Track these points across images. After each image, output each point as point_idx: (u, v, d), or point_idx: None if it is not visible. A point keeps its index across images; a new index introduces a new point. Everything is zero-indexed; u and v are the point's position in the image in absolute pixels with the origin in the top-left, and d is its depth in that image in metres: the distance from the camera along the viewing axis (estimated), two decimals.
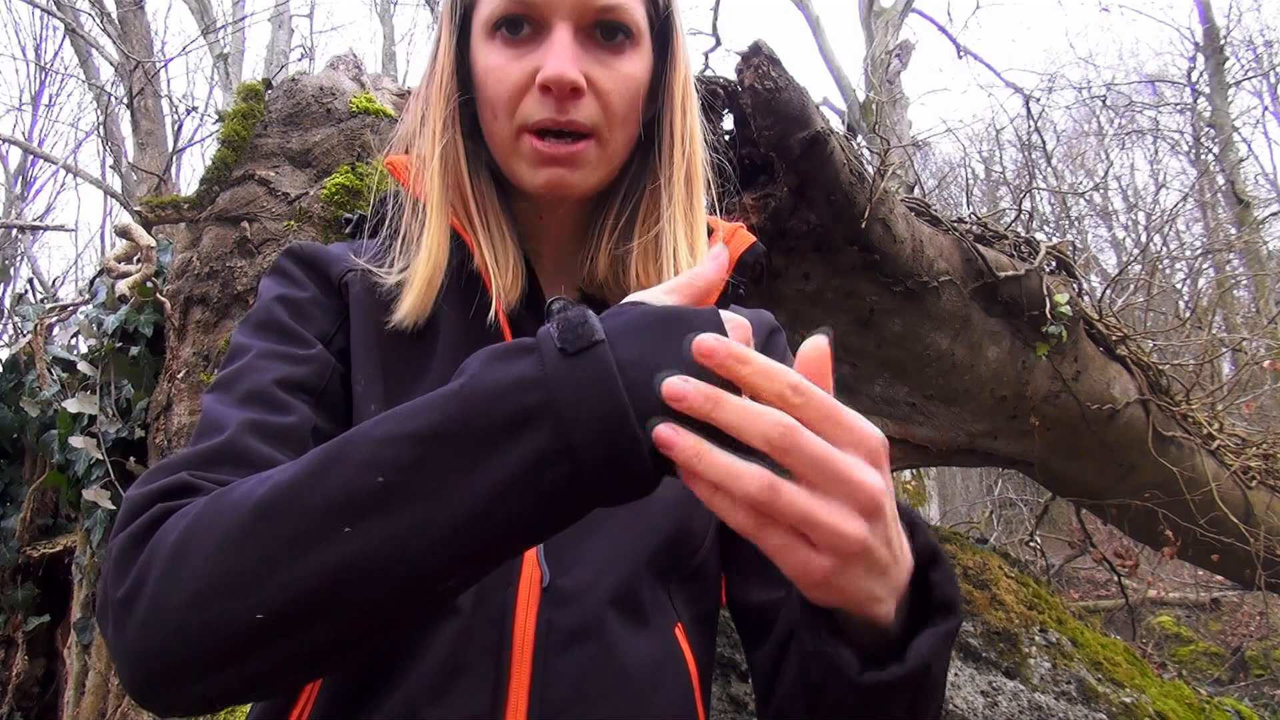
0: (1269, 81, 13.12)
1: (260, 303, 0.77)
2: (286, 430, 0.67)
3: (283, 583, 0.50)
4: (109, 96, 7.93)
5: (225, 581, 0.51)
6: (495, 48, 0.75)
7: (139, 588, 0.53)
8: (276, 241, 1.85)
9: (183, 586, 0.52)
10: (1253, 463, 3.34)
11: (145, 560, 0.54)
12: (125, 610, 0.53)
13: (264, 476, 0.55)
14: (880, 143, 4.03)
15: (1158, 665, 3.64)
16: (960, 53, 9.98)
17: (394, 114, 2.05)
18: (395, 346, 0.74)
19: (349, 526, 0.49)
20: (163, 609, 0.52)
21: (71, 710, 1.99)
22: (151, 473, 0.62)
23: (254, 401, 0.68)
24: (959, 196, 11.32)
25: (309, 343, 0.74)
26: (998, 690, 1.92)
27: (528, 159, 0.75)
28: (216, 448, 0.63)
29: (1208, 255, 9.77)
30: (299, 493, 0.52)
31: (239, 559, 0.51)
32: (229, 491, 0.55)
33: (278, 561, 0.50)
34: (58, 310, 2.53)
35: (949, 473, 8.87)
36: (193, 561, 0.52)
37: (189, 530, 0.54)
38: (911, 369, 2.50)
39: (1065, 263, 2.73)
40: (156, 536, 0.55)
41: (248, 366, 0.70)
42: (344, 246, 0.83)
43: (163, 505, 0.58)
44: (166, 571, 0.53)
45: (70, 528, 2.30)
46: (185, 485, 0.60)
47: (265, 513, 0.52)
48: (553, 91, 0.72)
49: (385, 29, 12.02)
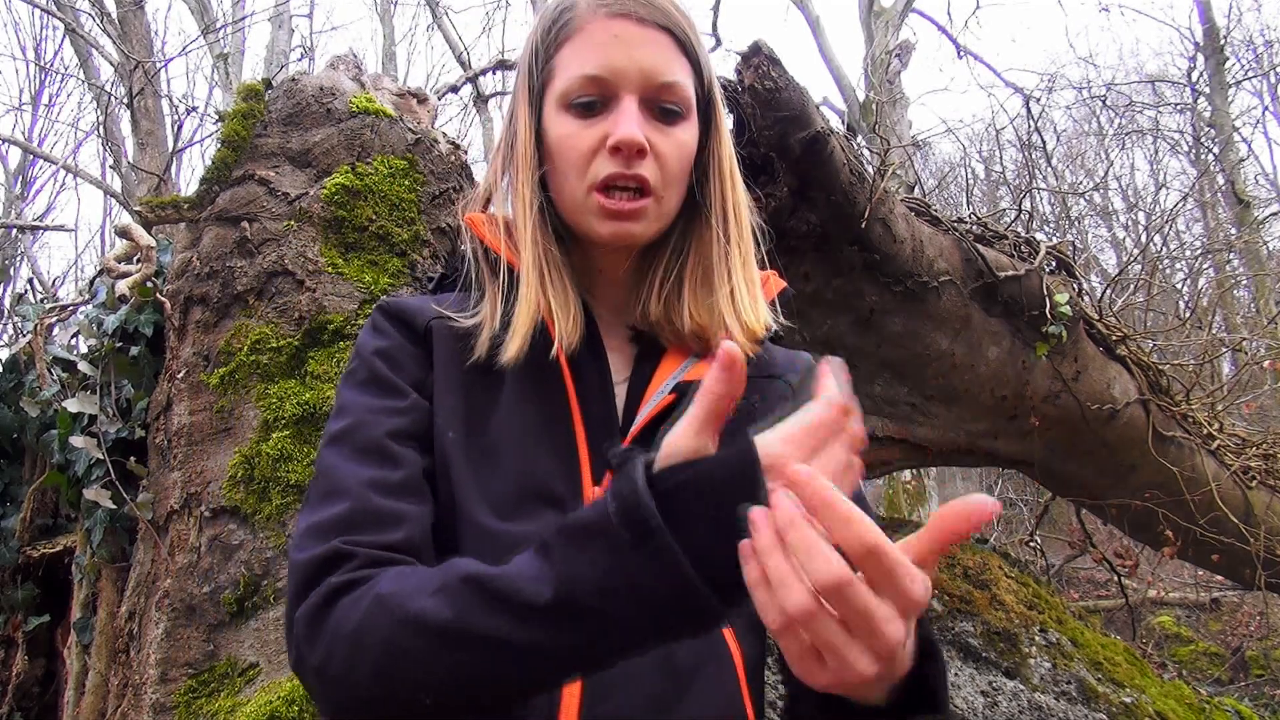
0: (1269, 81, 13.13)
1: (359, 358, 0.88)
2: (405, 483, 0.79)
3: (438, 687, 0.65)
4: (109, 96, 7.93)
5: (391, 686, 0.65)
6: (568, 119, 0.87)
7: (328, 659, 0.67)
8: (276, 241, 1.85)
9: (363, 672, 0.66)
10: (1253, 463, 3.34)
11: (330, 639, 0.68)
12: (321, 676, 0.68)
13: (418, 586, 0.67)
14: (880, 143, 4.03)
15: (1158, 665, 3.64)
16: (960, 53, 9.99)
17: (393, 114, 2.05)
18: (473, 382, 0.86)
19: (492, 659, 0.63)
20: (351, 683, 0.67)
21: (71, 710, 1.99)
22: (306, 536, 0.74)
23: (371, 456, 0.79)
24: (959, 196, 11.34)
25: (406, 393, 0.85)
26: (998, 690, 1.92)
27: (596, 214, 0.87)
28: (353, 511, 0.75)
29: (1208, 255, 9.77)
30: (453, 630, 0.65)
31: (404, 673, 0.65)
32: (391, 597, 0.68)
33: (436, 676, 0.64)
34: (58, 310, 2.53)
35: (949, 473, 8.86)
36: (367, 657, 0.66)
37: (360, 630, 0.67)
38: (911, 369, 2.50)
39: (1065, 263, 2.73)
40: (333, 620, 0.68)
41: (360, 422, 0.82)
42: (425, 299, 0.95)
43: (329, 583, 0.70)
44: (348, 657, 0.67)
45: (70, 528, 2.29)
46: (341, 554, 0.72)
47: (426, 637, 0.65)
48: (622, 152, 0.84)
49: (385, 29, 12.01)
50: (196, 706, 1.61)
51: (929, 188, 7.68)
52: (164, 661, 1.65)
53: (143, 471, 1.94)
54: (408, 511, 0.77)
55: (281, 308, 1.82)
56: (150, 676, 1.66)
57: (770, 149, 1.93)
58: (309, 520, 0.76)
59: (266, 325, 1.81)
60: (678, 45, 0.88)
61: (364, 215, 1.90)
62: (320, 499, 0.77)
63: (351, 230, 1.89)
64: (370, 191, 1.92)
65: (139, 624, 1.79)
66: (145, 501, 1.83)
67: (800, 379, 0.96)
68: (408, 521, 0.76)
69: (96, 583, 2.05)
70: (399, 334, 0.90)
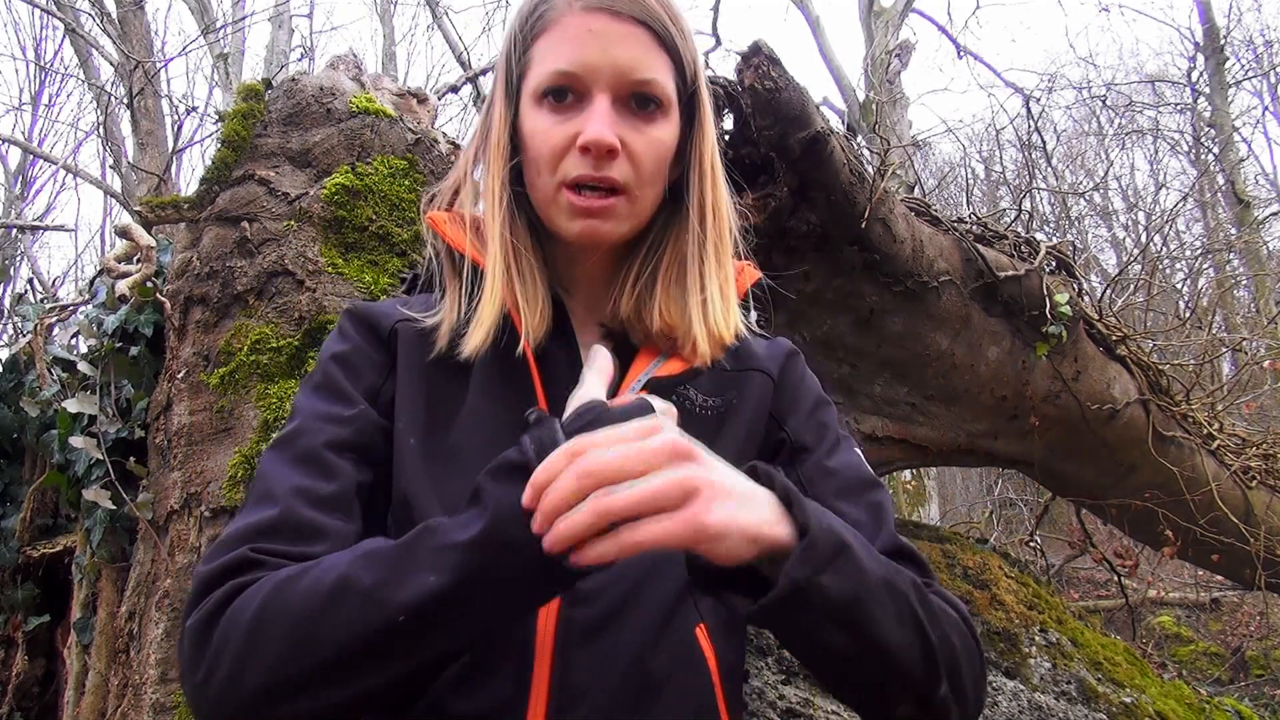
0: (1269, 81, 13.12)
1: (319, 363, 0.88)
2: (335, 497, 0.78)
3: (343, 677, 0.63)
4: (109, 96, 7.93)
5: (292, 675, 0.63)
6: (542, 113, 0.85)
7: (213, 671, 0.65)
8: (276, 241, 1.85)
9: (256, 670, 0.64)
10: (1253, 463, 3.34)
11: (221, 638, 0.65)
12: (201, 693, 0.66)
13: (324, 570, 0.66)
14: (880, 143, 4.03)
15: (1158, 665, 3.64)
16: (960, 53, 9.98)
17: (394, 114, 2.05)
18: (438, 382, 0.86)
19: (384, 650, 0.63)
20: (239, 689, 0.64)
21: (71, 710, 1.99)
22: (216, 548, 0.73)
23: (305, 464, 0.78)
24: (959, 196, 11.33)
25: (355, 401, 0.84)
26: (998, 690, 1.92)
27: (565, 211, 0.85)
28: (273, 520, 0.74)
29: (1208, 255, 9.77)
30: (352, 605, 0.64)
31: (306, 656, 0.63)
32: (291, 581, 0.66)
33: (339, 662, 0.63)
34: (58, 310, 2.52)
35: (949, 473, 8.86)
36: (264, 646, 0.64)
37: (260, 615, 0.65)
38: (911, 369, 2.50)
39: (1065, 263, 2.73)
40: (229, 614, 0.66)
41: (302, 428, 0.81)
42: (393, 302, 0.95)
43: (233, 583, 0.68)
44: (241, 652, 0.64)
45: (70, 528, 2.29)
46: (249, 561, 0.70)
47: (329, 615, 0.64)
48: (591, 152, 0.82)
49: (385, 29, 12.00)
50: None
51: (929, 188, 7.68)
52: (164, 661, 1.65)
53: (143, 471, 1.94)
54: (331, 527, 0.75)
55: (281, 308, 1.82)
56: (150, 676, 1.66)
57: (770, 149, 1.93)
58: (231, 528, 0.75)
59: (266, 325, 1.81)
60: (656, 40, 0.85)
61: (364, 215, 1.90)
62: (253, 503, 0.77)
63: (352, 230, 1.89)
64: (370, 191, 1.92)
65: (139, 624, 1.79)
66: (145, 501, 1.83)
67: (781, 366, 0.96)
68: (329, 538, 0.74)
69: (96, 583, 2.05)
70: (362, 338, 0.89)
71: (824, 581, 0.63)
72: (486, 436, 0.81)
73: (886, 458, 2.59)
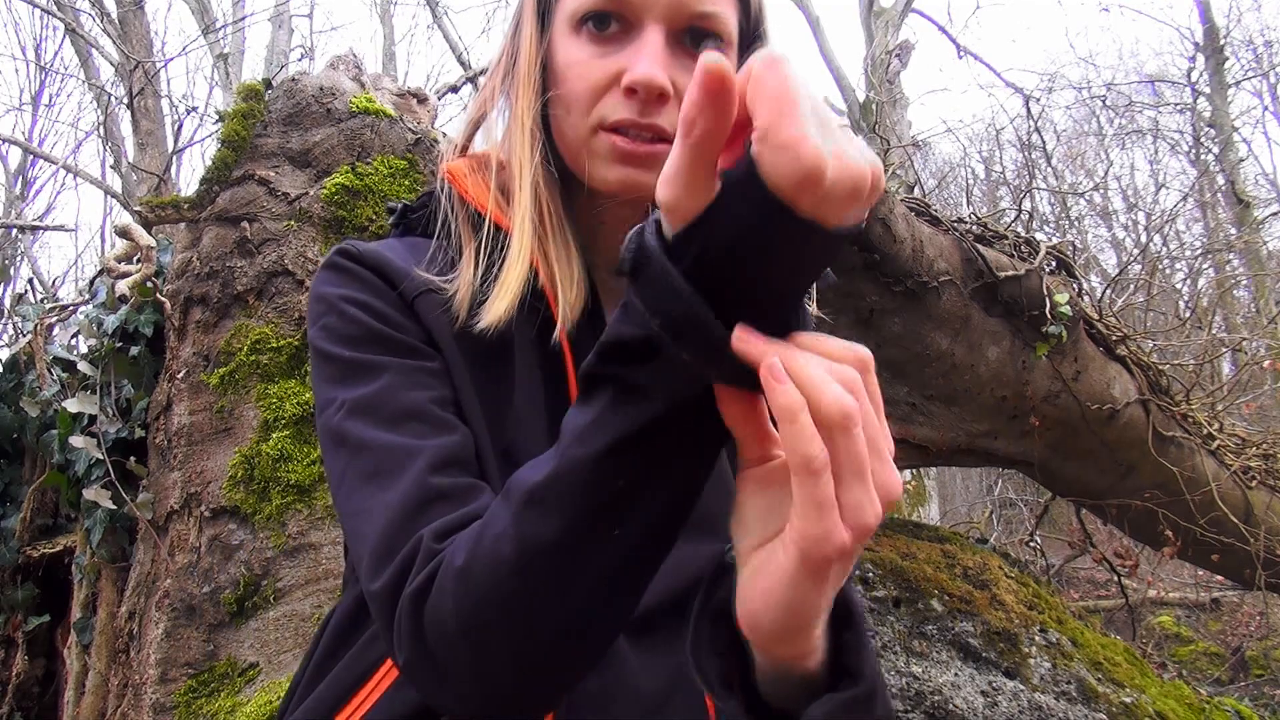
0: (1269, 81, 13.12)
1: (343, 316, 0.71)
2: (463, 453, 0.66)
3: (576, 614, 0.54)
4: (109, 96, 7.93)
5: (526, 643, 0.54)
6: (579, 42, 0.72)
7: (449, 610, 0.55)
8: (276, 241, 1.85)
9: (501, 659, 0.54)
10: (1253, 463, 3.34)
11: (440, 587, 0.56)
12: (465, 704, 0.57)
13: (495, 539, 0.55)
14: (880, 143, 4.03)
15: (1158, 665, 3.64)
16: (960, 53, 9.98)
17: (394, 114, 2.05)
18: (476, 366, 0.71)
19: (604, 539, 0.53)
20: (491, 677, 0.55)
21: (71, 710, 1.99)
22: (376, 561, 0.60)
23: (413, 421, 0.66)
24: (959, 196, 11.33)
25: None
26: (998, 690, 1.92)
27: (604, 155, 0.72)
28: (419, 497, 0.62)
29: (1208, 255, 9.77)
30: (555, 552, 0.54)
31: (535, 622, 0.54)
32: (488, 526, 0.56)
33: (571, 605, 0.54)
34: (58, 310, 2.53)
35: (949, 473, 8.86)
36: (495, 639, 0.54)
37: (472, 558, 0.55)
38: (911, 369, 2.50)
39: (1065, 263, 2.73)
40: (429, 610, 0.56)
41: (389, 386, 0.67)
42: (404, 252, 0.77)
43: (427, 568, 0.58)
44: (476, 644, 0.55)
45: (70, 528, 2.29)
46: (425, 550, 0.59)
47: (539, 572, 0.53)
48: (638, 94, 0.69)
49: (385, 29, 12.01)
50: (196, 706, 1.61)
51: (929, 188, 7.68)
52: (164, 661, 1.65)
53: (143, 471, 1.94)
54: (479, 485, 0.64)
55: (281, 308, 1.82)
56: (150, 676, 1.66)
57: None
58: (368, 528, 0.62)
59: (266, 325, 1.81)
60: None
61: (364, 215, 1.90)
62: (377, 486, 0.63)
63: (351, 230, 1.89)
64: (370, 191, 1.92)
65: (139, 624, 1.79)
66: (145, 501, 1.83)
67: None
68: (484, 492, 0.64)
69: (96, 583, 2.05)
70: (384, 296, 0.73)
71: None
72: (536, 434, 0.70)
73: None
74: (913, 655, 1.95)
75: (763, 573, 0.48)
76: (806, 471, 0.44)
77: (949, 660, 1.97)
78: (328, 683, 0.73)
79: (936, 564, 2.19)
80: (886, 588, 2.09)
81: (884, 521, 2.38)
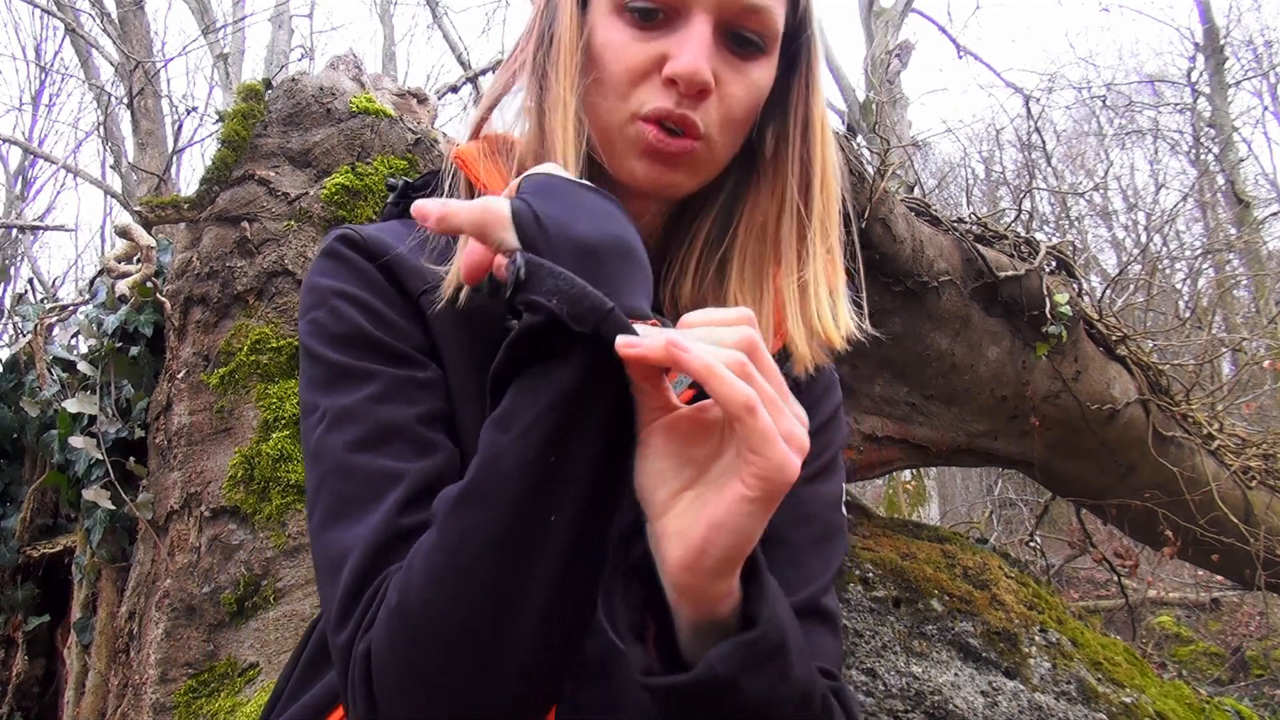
0: (1269, 81, 13.12)
1: (340, 315, 0.67)
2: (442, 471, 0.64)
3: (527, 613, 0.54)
4: (109, 96, 7.93)
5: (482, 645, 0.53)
6: (619, 25, 0.69)
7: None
8: (276, 241, 1.85)
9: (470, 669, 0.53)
10: (1253, 463, 3.34)
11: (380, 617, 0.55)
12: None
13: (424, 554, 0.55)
14: (880, 143, 4.03)
15: (1158, 665, 3.64)
16: (960, 53, 9.98)
17: (394, 114, 2.05)
18: (482, 354, 0.67)
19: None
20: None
21: (71, 710, 1.99)
22: (342, 604, 0.59)
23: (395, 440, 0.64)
24: (959, 196, 11.33)
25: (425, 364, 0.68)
26: (998, 690, 1.92)
27: (635, 146, 0.69)
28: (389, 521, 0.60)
29: (1208, 255, 9.77)
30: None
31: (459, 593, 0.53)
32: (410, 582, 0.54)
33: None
34: (58, 310, 2.53)
35: (949, 473, 8.86)
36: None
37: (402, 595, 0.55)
38: (911, 369, 2.50)
39: (1065, 263, 2.73)
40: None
41: (372, 397, 0.64)
42: (405, 234, 0.73)
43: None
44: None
45: (70, 528, 2.29)
46: None
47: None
48: (679, 86, 0.66)
49: (385, 29, 12.01)
50: (196, 706, 1.61)
51: (929, 188, 7.68)
52: (164, 661, 1.65)
53: (143, 471, 1.94)
54: None
55: (281, 308, 1.82)
56: (150, 676, 1.66)
57: None
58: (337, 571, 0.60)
59: (266, 325, 1.81)
60: None
61: (364, 215, 1.90)
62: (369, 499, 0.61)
63: None
64: (370, 191, 1.92)
65: (139, 624, 1.79)
66: (145, 501, 1.83)
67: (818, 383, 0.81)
68: None
69: (96, 583, 2.05)
70: (388, 299, 0.70)
71: (742, 683, 0.52)
72: None
73: (886, 458, 2.59)
74: (913, 655, 1.95)
75: (707, 508, 0.50)
76: (748, 411, 0.47)
77: (949, 660, 1.97)
78: (321, 688, 0.71)
79: (936, 564, 2.19)
80: (886, 588, 2.09)
81: (884, 521, 2.36)
